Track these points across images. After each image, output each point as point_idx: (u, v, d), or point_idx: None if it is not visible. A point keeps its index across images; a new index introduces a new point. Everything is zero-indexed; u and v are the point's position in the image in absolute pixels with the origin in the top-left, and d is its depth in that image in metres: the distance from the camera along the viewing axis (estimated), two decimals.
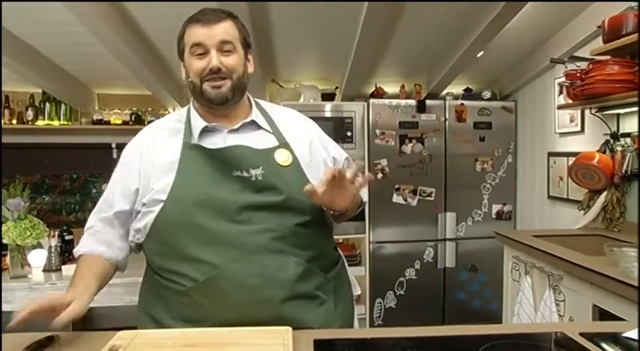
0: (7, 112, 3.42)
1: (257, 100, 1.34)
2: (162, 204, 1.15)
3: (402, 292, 3.63)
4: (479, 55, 3.06)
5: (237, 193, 1.15)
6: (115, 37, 2.48)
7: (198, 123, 1.23)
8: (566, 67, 2.64)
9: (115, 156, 3.88)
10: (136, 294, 2.44)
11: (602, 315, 1.78)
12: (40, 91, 3.52)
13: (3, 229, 2.32)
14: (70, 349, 1.05)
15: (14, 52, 2.72)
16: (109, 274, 1.24)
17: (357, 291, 1.43)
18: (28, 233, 2.34)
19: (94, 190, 4.06)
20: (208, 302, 1.13)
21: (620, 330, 1.07)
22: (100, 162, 3.89)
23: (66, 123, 3.54)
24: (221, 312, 1.12)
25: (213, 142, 1.22)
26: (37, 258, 2.50)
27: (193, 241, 1.12)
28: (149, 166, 1.21)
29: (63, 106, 3.52)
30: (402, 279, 3.63)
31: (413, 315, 3.59)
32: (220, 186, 1.15)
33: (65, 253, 2.61)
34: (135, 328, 1.17)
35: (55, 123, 3.52)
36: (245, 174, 1.17)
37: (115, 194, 1.24)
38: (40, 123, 3.50)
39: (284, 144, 1.24)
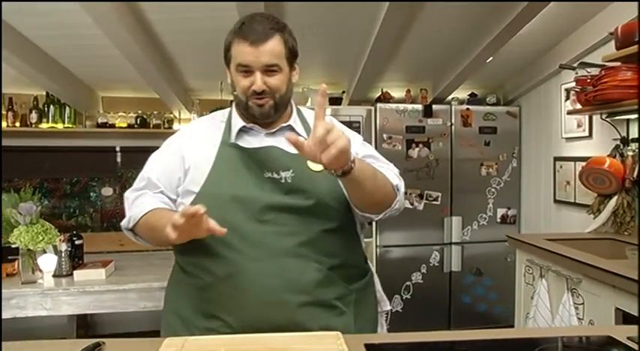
0: (10, 114, 3.36)
1: (299, 107, 1.37)
2: (194, 196, 1.19)
3: (408, 296, 3.64)
4: (488, 60, 3.08)
5: (265, 193, 1.18)
6: (128, 38, 2.46)
7: (237, 123, 1.26)
8: (576, 73, 2.67)
9: (119, 159, 3.84)
10: (149, 299, 2.42)
11: (625, 318, 1.79)
12: (44, 93, 3.47)
13: (15, 233, 2.28)
14: None
15: (23, 53, 2.68)
16: None
17: (386, 306, 1.40)
18: (41, 238, 2.30)
19: (94, 194, 4.01)
20: (226, 299, 1.15)
21: None
22: (102, 166, 3.85)
23: (70, 126, 3.49)
24: (237, 310, 1.14)
25: (250, 142, 1.25)
26: (47, 263, 2.45)
27: (219, 237, 1.11)
28: (189, 157, 1.25)
29: (67, 109, 3.47)
30: (408, 283, 3.63)
31: (419, 319, 3.60)
32: (251, 185, 1.18)
33: (75, 258, 2.57)
34: (141, 334, 1.18)
35: (59, 126, 3.47)
36: (275, 175, 1.19)
37: (159, 181, 1.26)
38: (43, 126, 3.44)
39: None
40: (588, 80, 2.59)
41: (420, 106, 3.63)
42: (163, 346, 1.02)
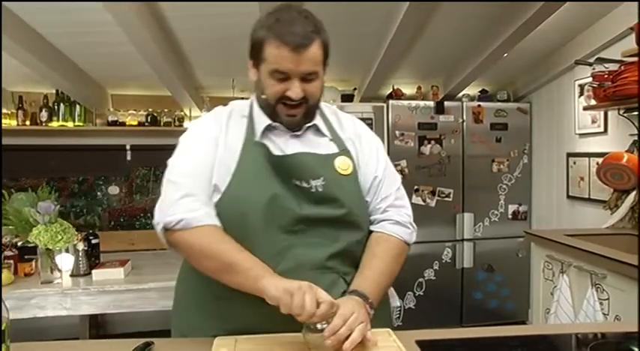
0: (20, 113, 3.33)
1: (321, 105, 1.27)
2: (219, 196, 1.11)
3: (420, 293, 3.64)
4: (504, 55, 3.07)
5: (295, 203, 1.11)
6: (145, 34, 2.44)
7: (261, 120, 1.17)
8: (593, 69, 2.67)
9: (129, 158, 3.82)
10: (170, 299, 2.40)
11: None
12: (54, 91, 3.44)
13: (34, 232, 2.26)
14: None
15: (36, 49, 2.66)
16: None
17: (394, 302, 1.38)
18: (60, 237, 2.28)
19: (101, 193, 3.99)
20: (249, 311, 1.07)
21: None
22: (112, 164, 3.82)
23: (80, 124, 3.46)
24: (260, 323, 1.06)
25: (275, 143, 1.17)
26: (65, 262, 2.43)
27: (244, 246, 1.06)
28: (219, 149, 1.14)
29: (77, 107, 3.44)
30: (421, 280, 3.63)
31: (431, 315, 3.60)
32: (279, 192, 1.10)
33: (92, 258, 2.55)
34: (152, 334, 1.13)
35: (70, 124, 3.44)
36: (305, 184, 1.12)
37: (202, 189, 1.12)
38: (54, 124, 3.41)
39: (344, 151, 1.20)
40: (606, 76, 2.59)
41: (431, 103, 3.62)
42: (215, 345, 1.01)
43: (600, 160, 2.79)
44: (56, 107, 3.42)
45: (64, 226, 2.33)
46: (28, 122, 3.39)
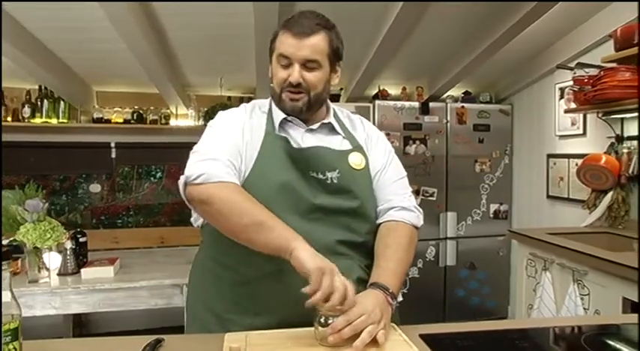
0: (2, 109, 3.26)
1: (335, 107, 1.35)
2: (242, 179, 1.15)
3: (404, 291, 3.70)
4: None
5: (313, 192, 1.17)
6: (138, 32, 2.43)
7: (279, 114, 1.24)
8: (574, 73, 2.77)
9: (113, 155, 3.77)
10: (161, 297, 2.40)
11: (634, 307, 1.89)
12: (37, 87, 3.38)
13: (22, 231, 2.22)
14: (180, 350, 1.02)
15: (22, 44, 2.61)
16: None
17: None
18: (49, 235, 2.26)
19: (82, 191, 3.93)
20: (269, 295, 1.14)
21: None
22: (95, 162, 3.77)
23: (65, 121, 3.40)
24: (280, 306, 1.13)
25: (292, 136, 1.24)
26: (53, 261, 2.40)
27: None
28: (244, 135, 1.21)
29: (62, 104, 3.38)
30: (405, 278, 3.69)
31: (415, 313, 3.62)
32: (297, 181, 1.17)
33: (79, 256, 2.53)
34: (137, 333, 1.16)
35: (53, 121, 3.38)
36: (321, 176, 1.19)
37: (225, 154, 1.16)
38: (37, 121, 3.35)
39: (357, 147, 1.28)
40: (586, 80, 2.69)
41: (417, 104, 3.69)
42: (227, 341, 1.03)
43: (579, 161, 2.90)
44: (39, 103, 3.36)
45: (52, 224, 2.31)
46: (9, 118, 3.32)
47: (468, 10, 2.70)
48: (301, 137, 1.25)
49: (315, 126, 1.27)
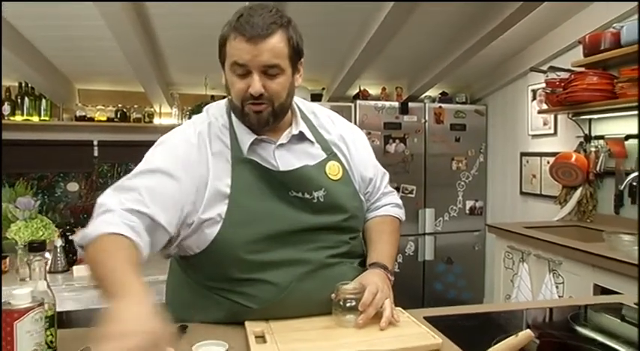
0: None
1: (297, 102, 1.24)
2: (219, 225, 1.07)
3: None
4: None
5: (295, 214, 1.12)
6: (129, 30, 2.46)
7: (246, 136, 1.12)
8: (547, 76, 2.94)
9: (96, 153, 3.74)
10: (156, 293, 2.43)
11: (602, 293, 2.05)
12: (16, 84, 3.33)
13: (13, 228, 2.22)
14: (204, 337, 1.07)
15: (7, 41, 2.59)
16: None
17: None
18: (41, 233, 2.26)
19: (60, 190, 3.89)
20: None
21: None
22: (76, 160, 3.73)
23: (46, 119, 3.37)
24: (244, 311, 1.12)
25: (262, 156, 1.13)
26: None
27: (254, 263, 1.09)
28: (202, 179, 1.08)
29: (43, 101, 3.35)
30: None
31: (396, 306, 3.78)
32: (278, 207, 1.11)
33: (69, 254, 2.52)
34: None
35: (35, 118, 3.34)
36: (307, 196, 1.13)
37: (159, 200, 1.01)
38: (17, 118, 3.31)
39: (332, 155, 1.20)
40: (558, 83, 2.86)
41: (396, 104, 3.81)
42: (248, 326, 1.09)
43: (551, 159, 3.08)
44: (19, 101, 3.31)
45: (44, 221, 2.31)
46: None
47: (448, 16, 2.84)
48: (273, 155, 1.14)
49: (284, 140, 1.16)
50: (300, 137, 1.18)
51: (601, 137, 2.83)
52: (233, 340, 1.04)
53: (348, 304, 1.08)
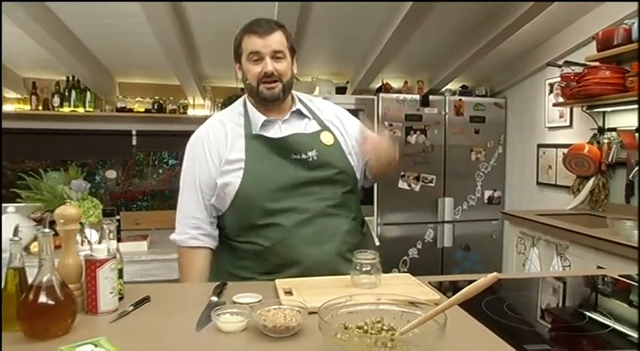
0: (34, 98, 3.51)
1: (295, 93, 1.58)
2: (238, 186, 1.42)
3: (405, 270, 4.00)
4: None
5: (297, 171, 1.44)
6: (170, 27, 2.69)
7: (257, 117, 1.47)
8: (562, 70, 3.06)
9: (134, 142, 4.03)
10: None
11: None
12: (64, 78, 3.62)
13: None
14: (241, 291, 1.27)
15: (60, 37, 2.87)
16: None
17: (377, 242, 1.75)
18: (91, 212, 2.52)
19: (99, 177, 4.17)
20: (279, 258, 1.41)
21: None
22: (116, 149, 4.02)
23: (91, 110, 3.66)
24: (292, 266, 1.40)
25: (271, 132, 1.47)
26: (93, 236, 2.67)
27: (267, 211, 1.40)
28: (217, 155, 1.45)
29: (88, 94, 3.63)
30: (405, 258, 4.00)
31: None
32: (283, 167, 1.43)
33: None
34: None
35: (80, 110, 3.63)
36: (303, 156, 1.45)
37: (199, 190, 1.48)
38: (65, 109, 3.60)
39: (325, 127, 1.52)
40: (572, 77, 2.97)
41: (417, 97, 3.97)
42: (278, 284, 1.30)
43: (566, 150, 3.19)
44: (67, 93, 3.61)
45: (94, 202, 2.58)
46: (40, 107, 3.57)
47: (467, 12, 2.97)
48: (280, 129, 1.48)
49: (287, 116, 1.50)
50: (299, 114, 1.52)
51: (614, 129, 2.94)
52: (264, 294, 1.25)
53: (364, 269, 1.28)
